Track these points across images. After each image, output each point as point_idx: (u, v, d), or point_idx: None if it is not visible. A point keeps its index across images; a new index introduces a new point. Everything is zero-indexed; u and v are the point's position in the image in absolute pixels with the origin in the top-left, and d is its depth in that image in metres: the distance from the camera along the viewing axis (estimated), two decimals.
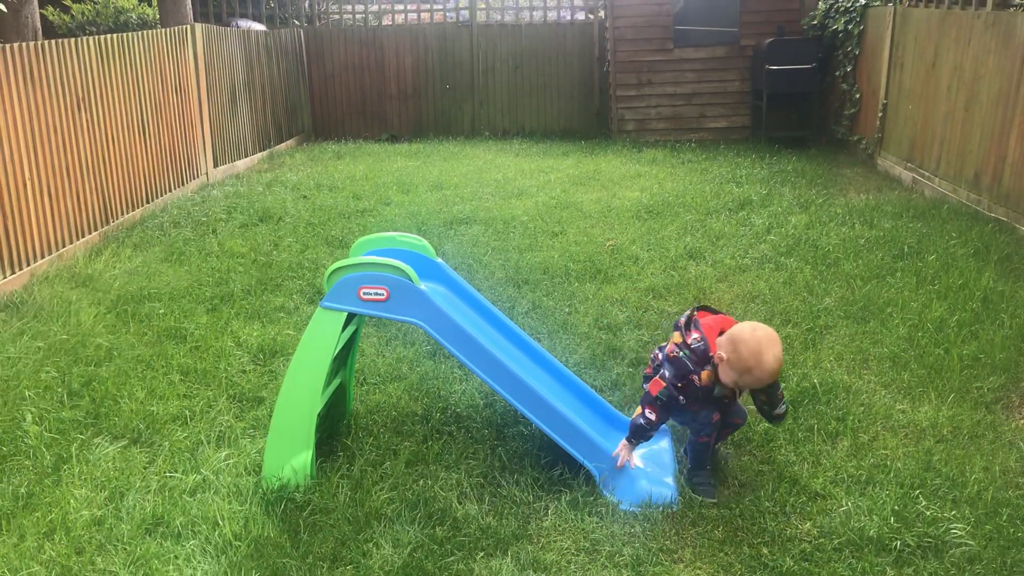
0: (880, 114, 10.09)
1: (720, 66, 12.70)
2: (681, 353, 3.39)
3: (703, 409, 3.42)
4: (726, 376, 3.35)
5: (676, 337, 3.46)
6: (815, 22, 12.00)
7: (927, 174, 8.73)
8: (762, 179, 9.53)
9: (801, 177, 9.63)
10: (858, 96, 10.99)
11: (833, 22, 11.51)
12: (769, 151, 11.35)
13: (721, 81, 12.76)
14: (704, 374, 3.37)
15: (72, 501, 3.39)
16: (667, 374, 3.39)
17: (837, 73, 11.59)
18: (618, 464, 3.42)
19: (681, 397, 3.37)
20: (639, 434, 3.41)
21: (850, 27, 11.10)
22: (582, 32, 13.84)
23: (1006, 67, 7.23)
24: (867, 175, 9.88)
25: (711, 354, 3.35)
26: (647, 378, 3.62)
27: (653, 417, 3.38)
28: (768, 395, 3.43)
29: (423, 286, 3.42)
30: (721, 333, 3.40)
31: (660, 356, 3.53)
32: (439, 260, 3.93)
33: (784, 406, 3.48)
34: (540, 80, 14.02)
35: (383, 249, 3.80)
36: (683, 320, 3.49)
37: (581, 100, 14.01)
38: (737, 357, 3.29)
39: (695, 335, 3.41)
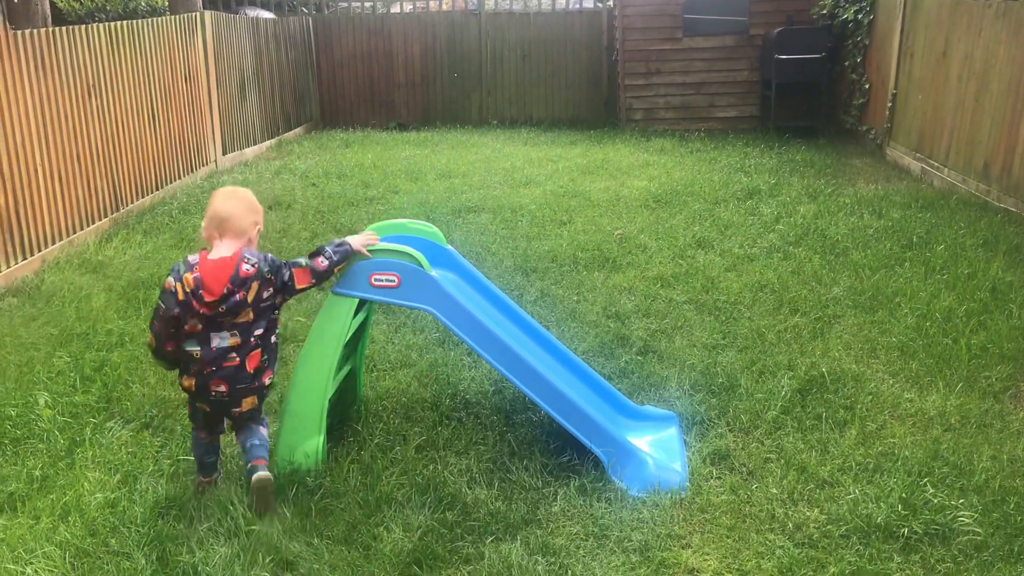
0: (889, 104, 10.05)
1: (729, 55, 12.67)
2: (262, 266, 3.17)
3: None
4: (256, 243, 3.31)
5: (254, 291, 3.15)
6: (825, 11, 11.94)
7: (936, 164, 8.71)
8: (771, 169, 9.52)
9: (810, 167, 9.62)
10: (867, 86, 10.95)
11: (843, 11, 11.46)
12: (778, 141, 11.33)
13: (730, 71, 12.73)
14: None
15: (86, 484, 3.42)
16: (268, 261, 3.20)
17: (846, 63, 11.55)
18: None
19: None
20: (341, 247, 3.32)
21: (860, 16, 11.06)
22: (591, 21, 13.81)
23: (1017, 57, 7.20)
24: (876, 165, 9.86)
25: (241, 245, 3.21)
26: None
27: (324, 264, 3.28)
28: None
29: (434, 273, 3.44)
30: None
31: (260, 328, 3.22)
32: (449, 247, 3.95)
33: None
34: (548, 69, 14.00)
35: (394, 236, 3.81)
36: (239, 294, 3.14)
37: (589, 89, 13.99)
38: (260, 212, 3.33)
39: (241, 266, 3.13)
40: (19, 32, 6.30)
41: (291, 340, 4.88)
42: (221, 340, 3.19)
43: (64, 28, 6.94)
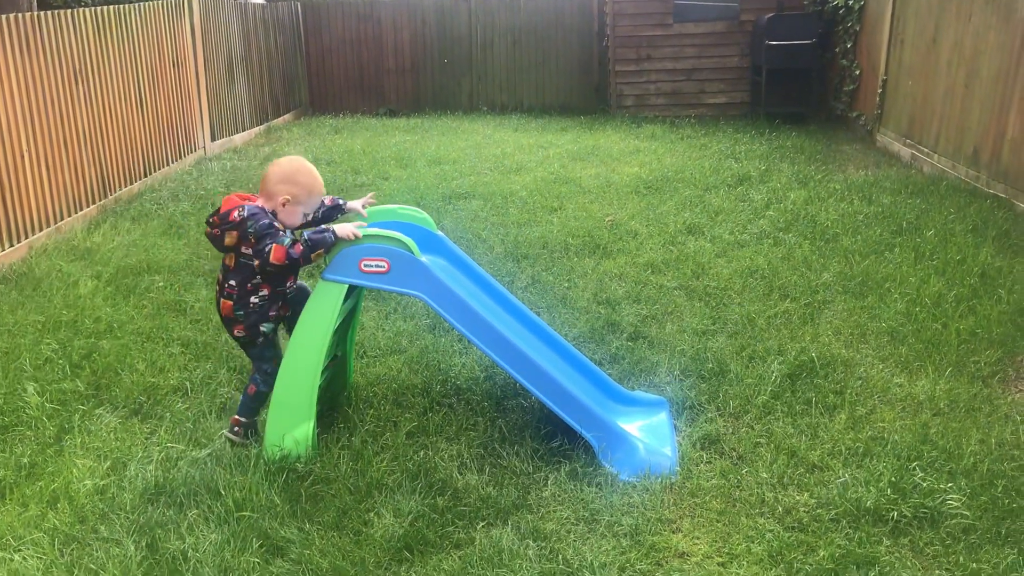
0: (880, 90, 10.06)
1: (720, 41, 12.65)
2: (250, 228, 3.35)
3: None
4: (294, 215, 3.47)
5: (230, 240, 3.41)
6: None
7: (926, 150, 8.73)
8: (761, 155, 9.52)
9: (800, 153, 9.62)
10: (858, 72, 10.95)
11: None
12: (768, 127, 11.32)
13: (721, 56, 12.71)
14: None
15: (75, 471, 3.41)
16: (266, 247, 3.33)
17: (837, 49, 11.55)
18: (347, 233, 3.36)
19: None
20: (322, 236, 3.36)
21: (851, 3, 11.05)
22: (581, 6, 13.75)
23: (1006, 43, 7.20)
24: (866, 151, 9.87)
25: (266, 207, 3.43)
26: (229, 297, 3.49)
27: (300, 245, 3.35)
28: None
29: (424, 258, 3.42)
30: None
31: (232, 281, 3.46)
32: (440, 233, 3.93)
33: None
34: (539, 55, 13.95)
35: (384, 222, 3.80)
36: (215, 232, 3.43)
37: (580, 75, 13.95)
38: (300, 187, 3.45)
39: (234, 211, 3.37)
40: (4, 16, 6.23)
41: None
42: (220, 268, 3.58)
43: (50, 12, 6.87)
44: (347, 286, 3.42)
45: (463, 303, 3.40)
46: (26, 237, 6.37)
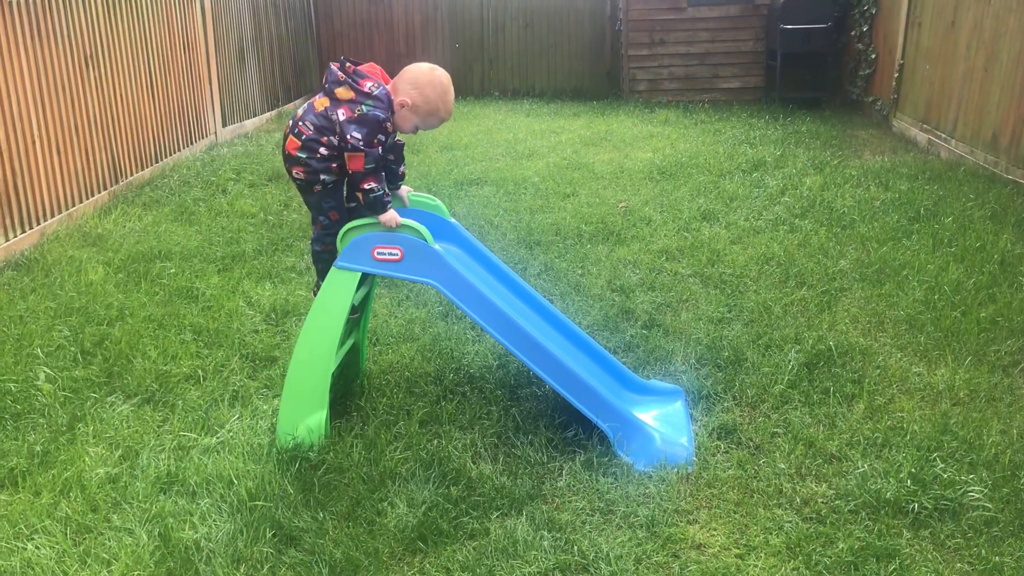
0: (896, 74, 9.94)
1: (734, 25, 12.52)
2: (364, 107, 3.24)
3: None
4: (407, 122, 3.37)
5: (343, 92, 3.26)
6: None
7: (944, 135, 8.62)
8: (776, 140, 9.42)
9: (815, 138, 9.52)
10: (874, 56, 10.83)
11: None
12: (783, 112, 11.22)
13: (735, 40, 12.59)
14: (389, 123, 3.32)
15: (87, 459, 3.39)
16: (360, 136, 3.22)
17: (853, 32, 11.42)
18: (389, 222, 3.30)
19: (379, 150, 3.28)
20: (380, 204, 3.31)
21: None
22: None
23: None
24: (882, 136, 9.76)
25: (393, 99, 3.33)
26: (297, 158, 3.34)
27: (376, 183, 3.29)
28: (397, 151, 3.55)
29: (437, 246, 3.38)
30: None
31: (309, 124, 3.30)
32: (453, 220, 3.89)
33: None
34: (551, 39, 13.84)
35: (397, 209, 3.75)
36: (340, 75, 3.28)
37: (592, 60, 13.84)
38: (424, 99, 3.32)
39: (368, 83, 3.27)
40: (15, 0, 6.20)
41: (292, 314, 4.84)
42: None
43: None
44: (360, 274, 3.39)
45: (476, 291, 3.36)
46: (38, 224, 6.35)
